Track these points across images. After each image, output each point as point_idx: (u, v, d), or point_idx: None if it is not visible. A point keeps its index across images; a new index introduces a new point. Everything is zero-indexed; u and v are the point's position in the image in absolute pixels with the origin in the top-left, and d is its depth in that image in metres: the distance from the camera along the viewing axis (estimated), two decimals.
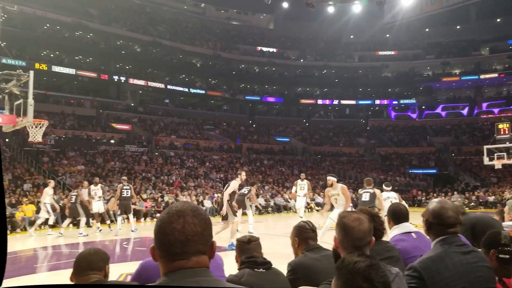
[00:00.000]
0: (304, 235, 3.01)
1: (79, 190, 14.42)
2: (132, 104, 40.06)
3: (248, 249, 2.95)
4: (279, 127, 45.34)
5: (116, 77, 38.03)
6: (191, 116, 41.84)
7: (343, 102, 49.22)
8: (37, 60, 33.71)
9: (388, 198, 14.91)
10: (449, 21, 46.71)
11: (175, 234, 1.34)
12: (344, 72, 49.84)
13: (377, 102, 49.09)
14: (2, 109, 10.50)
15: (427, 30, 49.89)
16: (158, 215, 14.84)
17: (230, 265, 3.39)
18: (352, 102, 49.30)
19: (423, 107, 47.95)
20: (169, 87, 41.60)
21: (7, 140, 25.70)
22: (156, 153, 31.51)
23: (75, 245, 12.14)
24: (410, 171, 37.98)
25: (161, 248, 1.36)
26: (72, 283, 2.37)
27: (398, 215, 3.29)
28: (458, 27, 49.62)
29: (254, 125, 45.80)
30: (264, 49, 49.45)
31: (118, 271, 6.84)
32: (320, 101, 49.20)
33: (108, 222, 15.10)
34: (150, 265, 2.50)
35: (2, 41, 9.82)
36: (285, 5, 24.78)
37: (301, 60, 50.04)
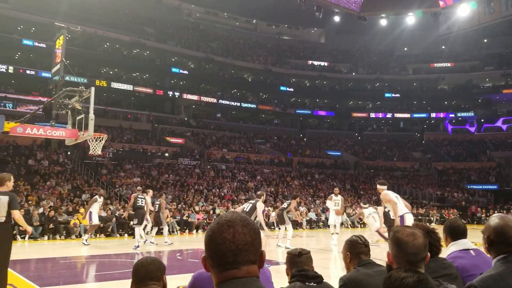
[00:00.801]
0: (356, 250, 2.94)
1: (162, 199, 14.65)
2: (186, 119, 41.07)
3: (299, 262, 2.91)
4: (331, 141, 44.83)
5: (170, 93, 39.22)
6: (242, 130, 42.31)
7: (397, 115, 48.03)
8: (97, 77, 35.41)
9: (369, 215, 14.49)
10: (509, 31, 44.73)
11: (226, 243, 1.36)
12: (397, 85, 48.79)
13: (433, 115, 47.59)
14: (65, 124, 11.06)
15: (485, 40, 48.06)
16: None
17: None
18: (407, 115, 48.04)
19: (482, 120, 45.92)
20: (221, 101, 42.35)
21: (69, 153, 27.11)
22: (208, 166, 32.03)
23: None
24: (468, 186, 36.39)
25: (212, 258, 1.39)
26: None
27: (456, 231, 3.15)
28: None
29: (305, 139, 45.59)
30: (315, 63, 49.38)
31: (174, 284, 6.95)
32: (372, 115, 48.33)
33: (86, 237, 14.65)
34: (202, 277, 2.52)
35: (66, 59, 10.38)
36: (336, 18, 24.47)
37: (353, 73, 49.55)
